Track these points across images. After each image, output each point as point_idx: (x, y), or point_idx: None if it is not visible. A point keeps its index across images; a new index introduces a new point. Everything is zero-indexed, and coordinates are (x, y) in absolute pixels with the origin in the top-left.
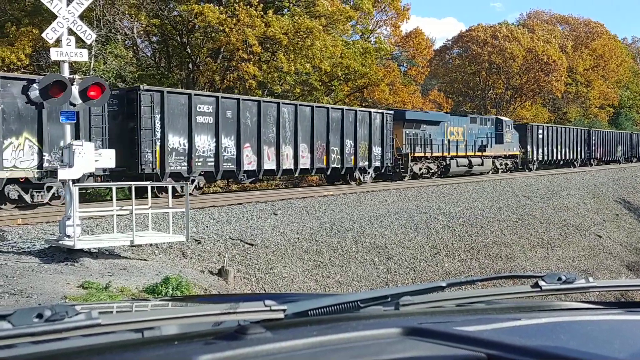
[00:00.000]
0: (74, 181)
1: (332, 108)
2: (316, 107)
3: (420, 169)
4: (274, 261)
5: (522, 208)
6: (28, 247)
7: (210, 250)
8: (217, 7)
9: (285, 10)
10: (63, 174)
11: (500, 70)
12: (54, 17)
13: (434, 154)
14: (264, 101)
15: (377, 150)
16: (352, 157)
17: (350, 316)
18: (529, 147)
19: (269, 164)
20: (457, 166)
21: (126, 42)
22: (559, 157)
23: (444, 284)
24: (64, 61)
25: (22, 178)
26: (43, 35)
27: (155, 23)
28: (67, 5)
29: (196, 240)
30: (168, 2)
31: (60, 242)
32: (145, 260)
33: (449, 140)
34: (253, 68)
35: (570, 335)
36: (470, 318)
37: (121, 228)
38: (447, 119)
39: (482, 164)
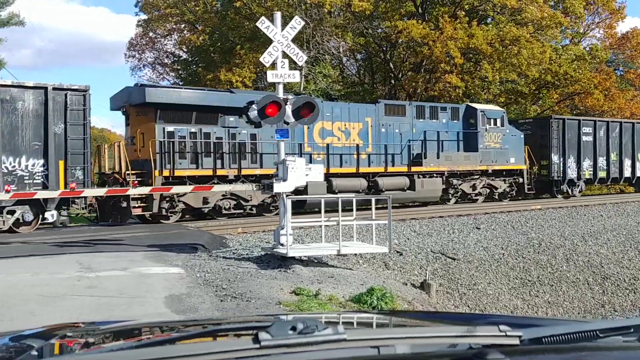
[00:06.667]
0: (287, 194)
1: None
2: None
3: (206, 201)
4: (477, 277)
5: None
6: (247, 254)
7: (411, 262)
8: (420, 23)
9: (490, 19)
10: (278, 187)
11: None
12: (269, 41)
13: (245, 171)
14: None
15: (26, 163)
16: None
17: (589, 346)
18: (555, 157)
19: None
20: (334, 190)
21: (332, 62)
22: (629, 174)
23: None
24: (279, 83)
25: None
26: (260, 59)
27: (361, 42)
28: (282, 30)
29: (398, 252)
30: (372, 20)
31: (274, 249)
32: (350, 269)
33: (304, 145)
34: (456, 79)
35: None
36: None
37: (328, 238)
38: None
39: (410, 187)
